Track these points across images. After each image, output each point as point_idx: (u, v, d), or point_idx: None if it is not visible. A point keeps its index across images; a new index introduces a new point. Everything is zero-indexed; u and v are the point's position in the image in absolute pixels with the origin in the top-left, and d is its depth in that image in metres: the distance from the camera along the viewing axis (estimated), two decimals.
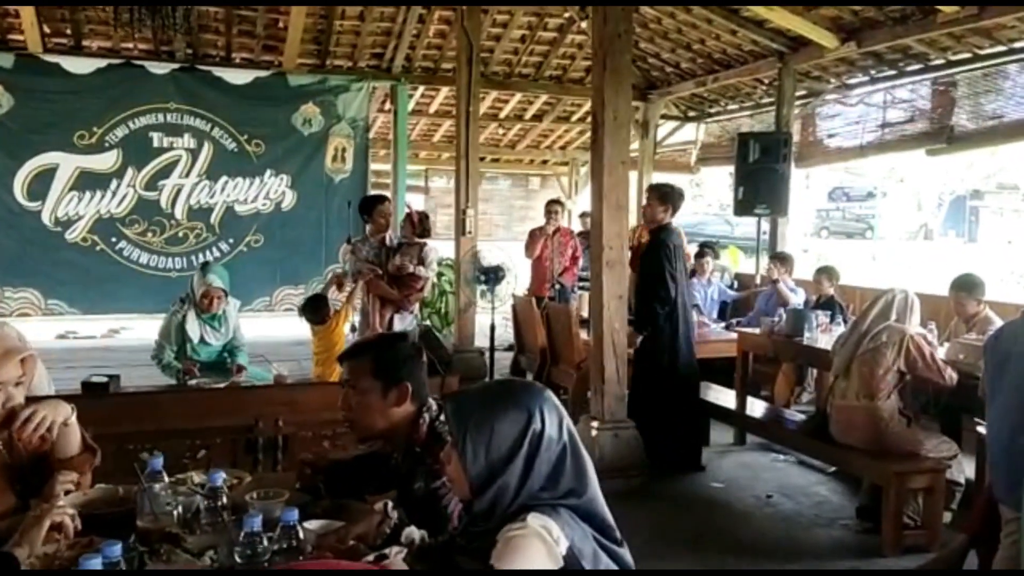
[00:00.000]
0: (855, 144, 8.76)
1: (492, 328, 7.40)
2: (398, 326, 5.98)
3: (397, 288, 5.89)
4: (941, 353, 4.76)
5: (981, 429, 4.25)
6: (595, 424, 5.13)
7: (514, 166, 14.09)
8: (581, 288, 9.66)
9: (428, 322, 9.24)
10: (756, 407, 5.84)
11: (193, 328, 4.83)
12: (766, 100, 9.83)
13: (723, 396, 6.02)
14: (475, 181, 8.02)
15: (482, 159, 13.71)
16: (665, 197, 5.60)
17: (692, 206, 30.94)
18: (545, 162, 13.86)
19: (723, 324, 7.33)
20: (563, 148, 13.35)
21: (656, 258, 5.42)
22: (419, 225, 6.45)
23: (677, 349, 5.45)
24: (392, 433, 2.34)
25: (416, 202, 13.25)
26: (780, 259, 7.81)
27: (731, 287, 8.94)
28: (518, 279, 7.81)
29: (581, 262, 9.14)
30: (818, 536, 4.51)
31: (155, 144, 9.24)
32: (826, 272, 6.91)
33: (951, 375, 4.37)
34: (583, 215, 11.79)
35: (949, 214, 31.65)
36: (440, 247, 7.82)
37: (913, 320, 4.54)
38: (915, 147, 8.14)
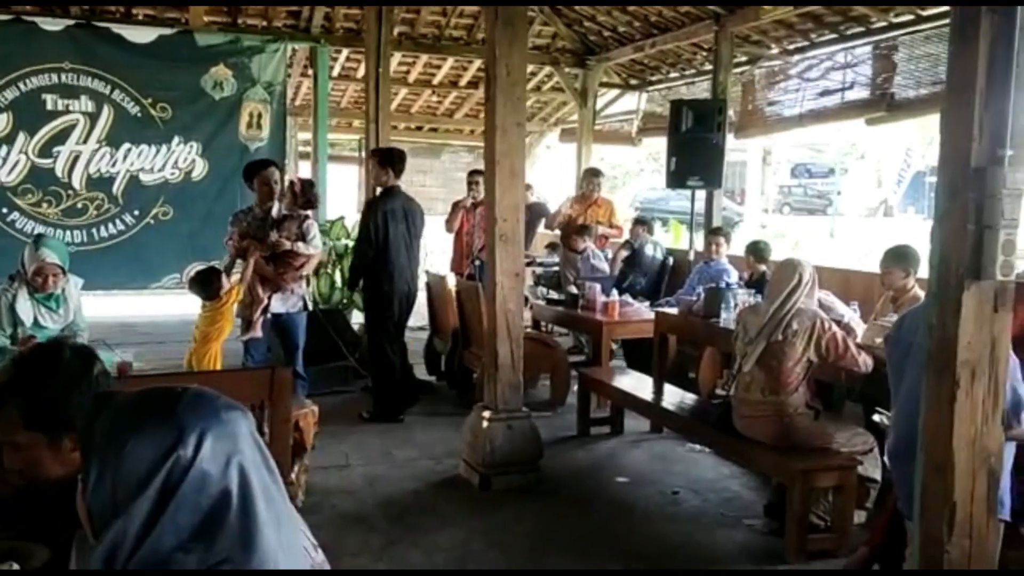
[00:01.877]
0: (794, 113, 8.32)
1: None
2: (279, 308, 5.45)
3: (274, 266, 5.36)
4: (860, 335, 4.35)
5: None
6: (487, 414, 4.66)
7: (454, 136, 13.51)
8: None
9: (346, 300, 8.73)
10: (672, 394, 5.36)
11: (25, 309, 4.27)
12: (707, 67, 9.36)
13: (637, 382, 5.56)
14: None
15: (419, 128, 13.25)
16: (384, 160, 6.01)
17: (652, 180, 30.65)
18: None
19: (646, 303, 6.87)
20: None
21: (364, 220, 5.97)
22: (301, 195, 5.87)
23: (386, 304, 5.98)
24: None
25: (347, 173, 12.65)
26: (714, 233, 7.38)
27: (664, 262, 8.48)
28: (429, 255, 7.32)
29: None
30: (719, 538, 4.09)
31: (49, 107, 8.52)
32: (754, 250, 6.47)
33: (866, 361, 3.95)
34: None
35: (908, 191, 31.65)
36: None
37: (815, 297, 4.11)
38: (855, 116, 7.73)
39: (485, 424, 4.62)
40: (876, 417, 3.79)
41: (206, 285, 5.26)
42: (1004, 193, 2.17)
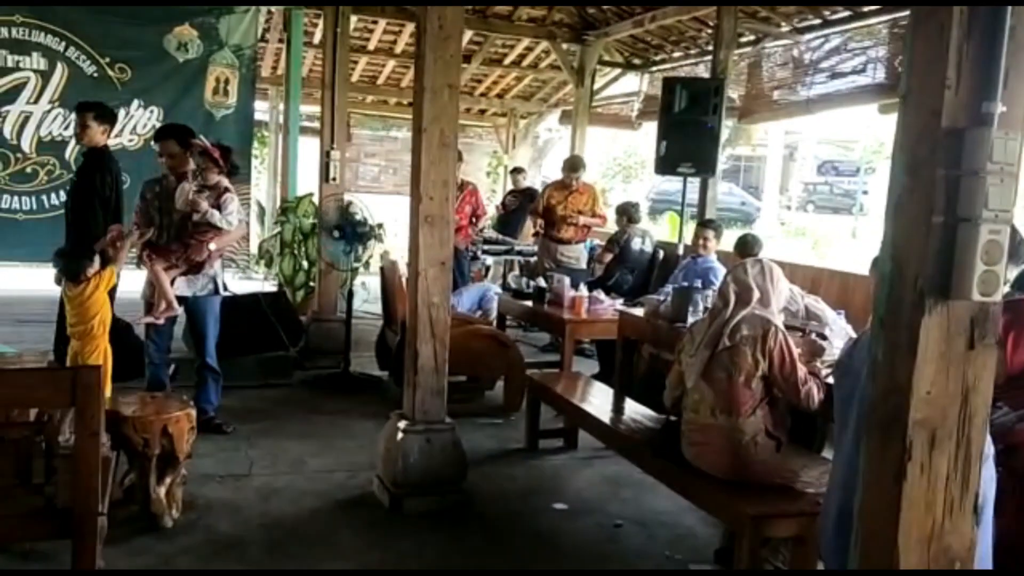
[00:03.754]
0: (802, 98, 7.56)
1: (349, 295, 6.28)
2: (184, 290, 4.81)
3: (179, 240, 4.73)
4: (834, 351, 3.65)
5: None
6: (402, 425, 4.01)
7: None
8: (488, 252, 8.56)
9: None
10: (632, 411, 4.60)
11: None
12: (711, 47, 8.61)
13: (594, 393, 4.86)
14: (342, 116, 6.80)
15: (410, 104, 12.55)
16: (103, 117, 5.30)
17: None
18: (483, 112, 12.59)
19: (620, 300, 6.17)
20: (500, 96, 12.08)
21: (88, 184, 5.12)
22: (223, 163, 5.12)
23: None
24: None
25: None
26: (703, 226, 6.65)
27: (653, 256, 7.75)
28: (388, 237, 6.66)
29: (483, 222, 7.99)
30: None
31: None
32: (740, 246, 5.75)
33: (810, 394, 3.25)
34: (513, 171, 10.63)
35: None
36: (367, 203, 6.68)
37: (778, 299, 3.42)
38: (868, 101, 6.95)
39: (399, 436, 3.97)
40: None
41: (72, 261, 4.46)
42: (989, 169, 1.47)
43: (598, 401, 4.63)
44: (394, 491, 3.94)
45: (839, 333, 3.98)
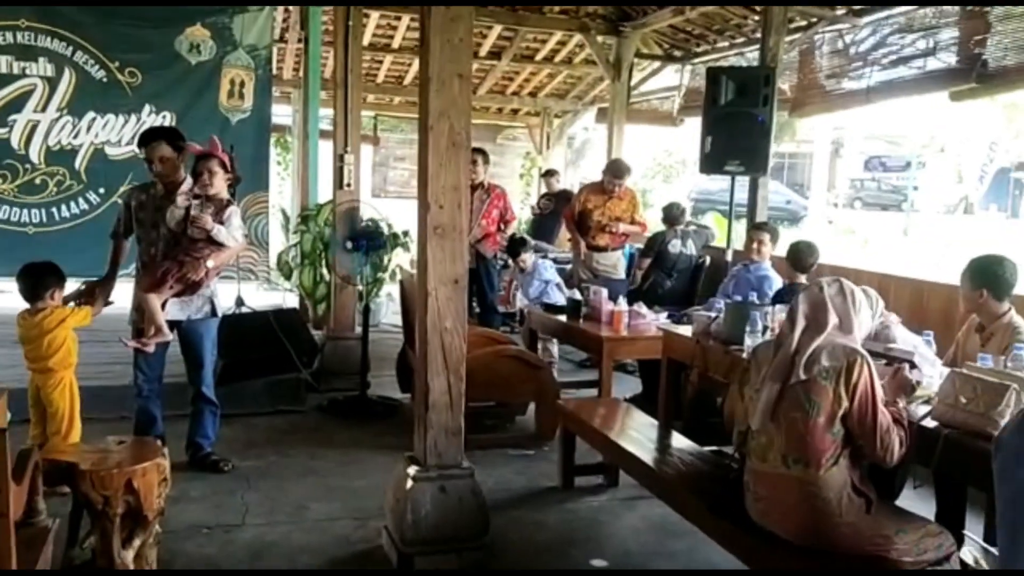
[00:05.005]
0: (861, 87, 6.87)
1: (366, 311, 5.75)
2: (177, 314, 4.30)
3: (171, 257, 4.21)
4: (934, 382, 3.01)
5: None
6: (413, 471, 3.44)
7: (480, 115, 12.23)
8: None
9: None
10: (681, 447, 3.97)
11: None
12: (759, 35, 7.94)
13: (635, 424, 4.24)
14: (356, 117, 6.26)
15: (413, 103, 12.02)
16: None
17: None
18: (516, 111, 12.02)
19: (665, 314, 5.55)
20: (533, 95, 11.49)
21: None
22: (231, 173, 4.59)
23: None
24: None
25: (366, 154, 11.49)
26: (757, 229, 6.02)
27: (699, 262, 7.10)
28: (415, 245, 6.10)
29: (512, 228, 7.42)
30: None
31: (3, 70, 7.56)
32: (794, 255, 5.11)
33: (893, 448, 2.63)
34: (547, 174, 10.05)
35: (992, 187, 29.54)
36: (395, 209, 6.18)
37: (860, 329, 2.80)
38: (937, 88, 6.24)
39: (409, 484, 3.40)
40: (965, 551, 2.46)
41: (37, 280, 3.96)
42: None
43: (640, 435, 4.01)
44: (403, 548, 3.38)
45: (929, 361, 3.32)
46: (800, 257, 5.15)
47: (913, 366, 3.16)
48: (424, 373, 3.42)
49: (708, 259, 7.12)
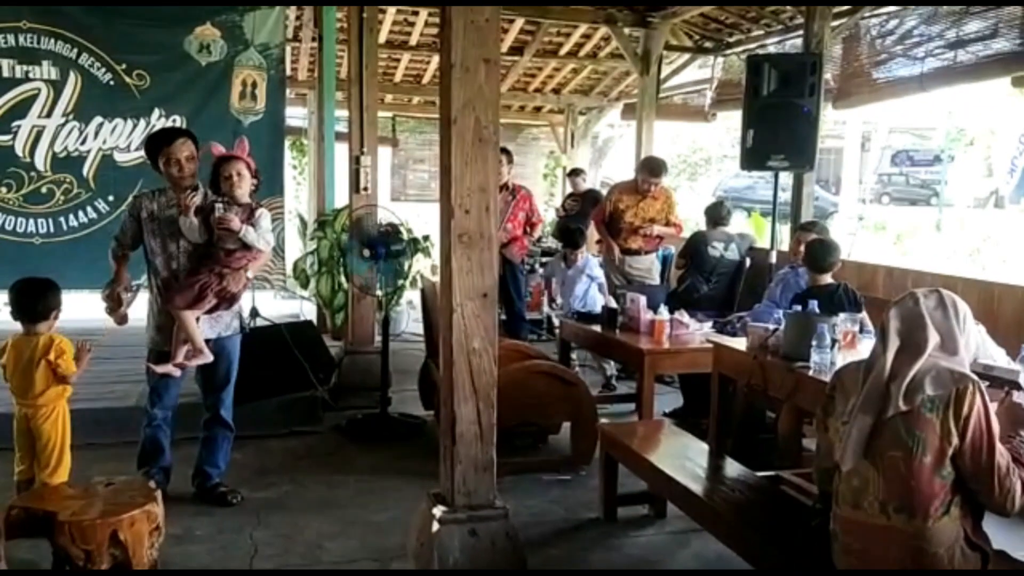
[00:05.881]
0: (914, 73, 6.39)
1: (385, 323, 5.35)
2: (207, 331, 3.91)
3: (207, 269, 3.83)
4: None
5: None
6: (439, 511, 3.03)
7: (501, 113, 11.81)
8: (546, 263, 7.57)
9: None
10: (734, 474, 3.53)
11: None
12: (798, 21, 7.50)
13: (683, 448, 3.81)
14: (373, 116, 5.86)
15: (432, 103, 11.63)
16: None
17: (737, 166, 28.32)
18: (539, 109, 11.60)
19: (709, 323, 5.11)
20: (557, 92, 11.07)
21: None
22: (256, 178, 4.22)
23: None
24: None
25: (384, 156, 11.14)
26: (804, 229, 5.55)
27: (739, 264, 6.64)
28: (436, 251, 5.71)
29: (538, 231, 7.01)
30: None
31: (5, 74, 7.22)
32: (813, 254, 4.63)
33: (1015, 493, 2.19)
34: (572, 173, 9.63)
35: (1022, 180, 28.86)
36: (416, 213, 5.77)
37: (968, 348, 2.36)
38: (998, 74, 5.77)
39: (435, 527, 3.00)
40: None
41: (40, 298, 3.50)
42: None
43: (689, 462, 3.58)
44: None
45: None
46: (816, 257, 4.70)
47: (1019, 388, 2.71)
48: (450, 400, 3.02)
49: (749, 261, 6.66)
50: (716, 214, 6.60)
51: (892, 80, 6.66)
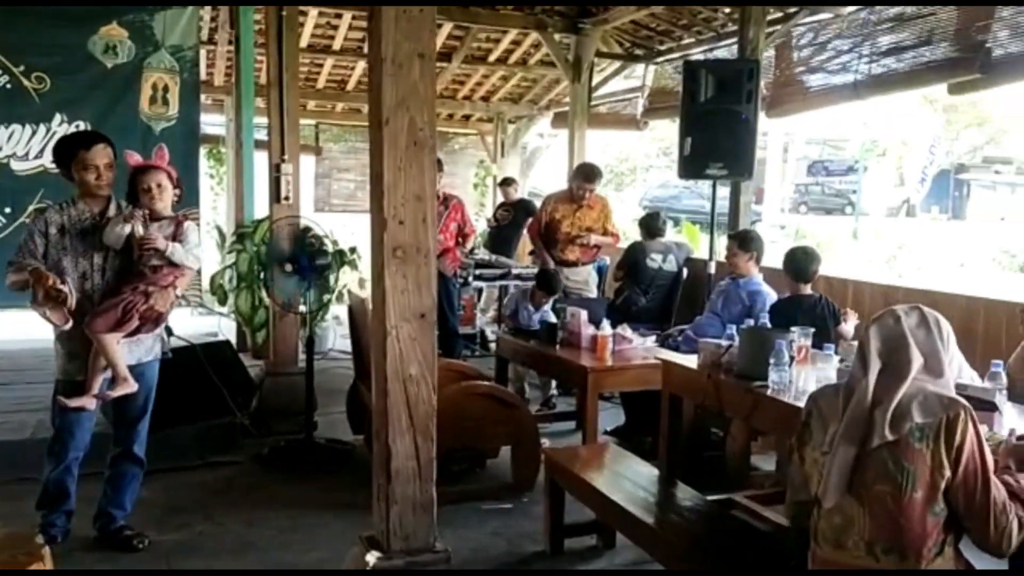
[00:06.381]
0: (848, 81, 6.34)
1: (310, 343, 4.99)
2: (131, 358, 3.51)
3: (130, 287, 3.44)
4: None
5: None
6: (373, 559, 2.72)
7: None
8: (481, 277, 7.31)
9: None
10: (686, 501, 3.32)
11: None
12: (730, 29, 7.42)
13: (631, 473, 3.57)
14: (294, 121, 5.51)
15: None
16: None
17: (662, 175, 28.58)
18: (467, 118, 11.33)
19: (652, 337, 4.90)
20: (486, 99, 10.83)
21: None
22: (178, 188, 3.83)
23: None
24: None
25: (307, 165, 10.70)
26: (740, 241, 5.35)
27: (677, 276, 6.48)
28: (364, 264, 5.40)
29: (471, 242, 6.74)
30: None
31: None
32: (794, 262, 4.53)
33: (1011, 533, 2.01)
34: (504, 183, 9.39)
35: (932, 189, 29.93)
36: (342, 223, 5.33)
37: (952, 369, 2.17)
38: (934, 81, 5.75)
39: None
40: None
41: None
42: None
43: (637, 488, 3.35)
44: None
45: (1001, 402, 2.70)
46: (800, 266, 4.58)
47: (995, 409, 2.55)
48: (384, 434, 2.71)
49: (686, 272, 6.52)
50: (653, 225, 6.45)
51: (826, 88, 6.61)
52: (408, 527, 2.72)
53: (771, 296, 4.99)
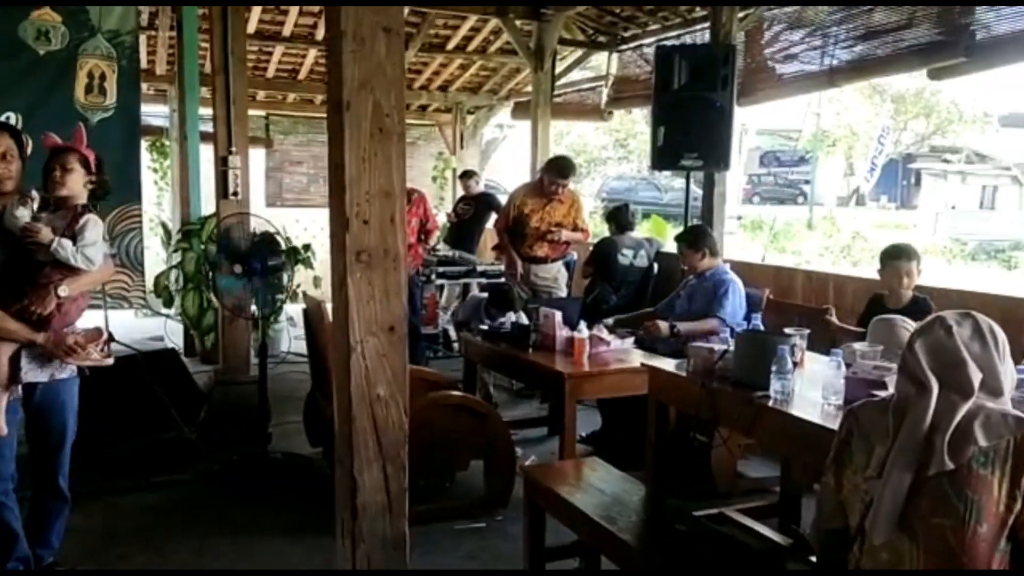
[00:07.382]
0: (823, 68, 6.12)
1: (262, 351, 4.62)
2: (37, 374, 3.07)
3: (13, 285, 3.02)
4: None
5: None
6: None
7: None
8: (444, 275, 6.97)
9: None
10: (668, 511, 3.05)
11: None
12: (698, 14, 7.16)
13: (616, 487, 3.27)
14: (242, 111, 5.11)
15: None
16: None
17: (617, 168, 28.44)
18: (425, 108, 10.95)
19: (630, 339, 4.61)
20: (443, 89, 10.46)
21: None
22: (97, 175, 3.42)
23: None
24: None
25: (257, 159, 10.23)
26: (687, 242, 5.03)
27: (647, 271, 6.21)
28: (318, 262, 5.04)
29: (434, 239, 6.40)
30: None
31: None
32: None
33: None
34: (464, 175, 9.05)
35: (881, 179, 30.37)
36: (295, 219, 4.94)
37: (1010, 381, 1.91)
38: (915, 66, 5.54)
39: None
40: None
41: None
42: None
43: (621, 507, 3.05)
44: None
45: None
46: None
47: None
48: (348, 463, 2.37)
49: (657, 267, 6.25)
50: (623, 218, 6.16)
51: (800, 75, 6.39)
52: (377, 565, 2.39)
53: (737, 283, 4.79)
